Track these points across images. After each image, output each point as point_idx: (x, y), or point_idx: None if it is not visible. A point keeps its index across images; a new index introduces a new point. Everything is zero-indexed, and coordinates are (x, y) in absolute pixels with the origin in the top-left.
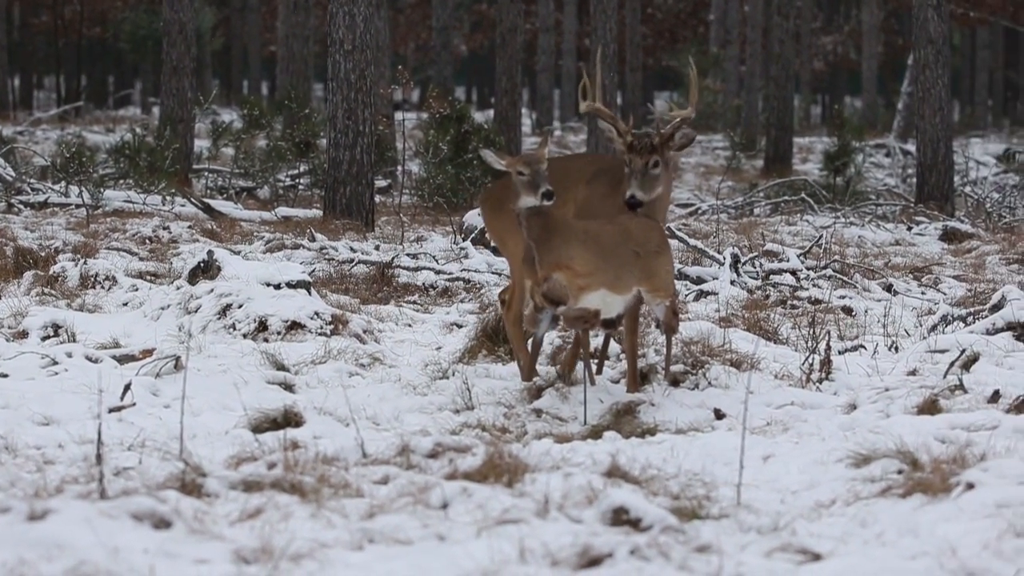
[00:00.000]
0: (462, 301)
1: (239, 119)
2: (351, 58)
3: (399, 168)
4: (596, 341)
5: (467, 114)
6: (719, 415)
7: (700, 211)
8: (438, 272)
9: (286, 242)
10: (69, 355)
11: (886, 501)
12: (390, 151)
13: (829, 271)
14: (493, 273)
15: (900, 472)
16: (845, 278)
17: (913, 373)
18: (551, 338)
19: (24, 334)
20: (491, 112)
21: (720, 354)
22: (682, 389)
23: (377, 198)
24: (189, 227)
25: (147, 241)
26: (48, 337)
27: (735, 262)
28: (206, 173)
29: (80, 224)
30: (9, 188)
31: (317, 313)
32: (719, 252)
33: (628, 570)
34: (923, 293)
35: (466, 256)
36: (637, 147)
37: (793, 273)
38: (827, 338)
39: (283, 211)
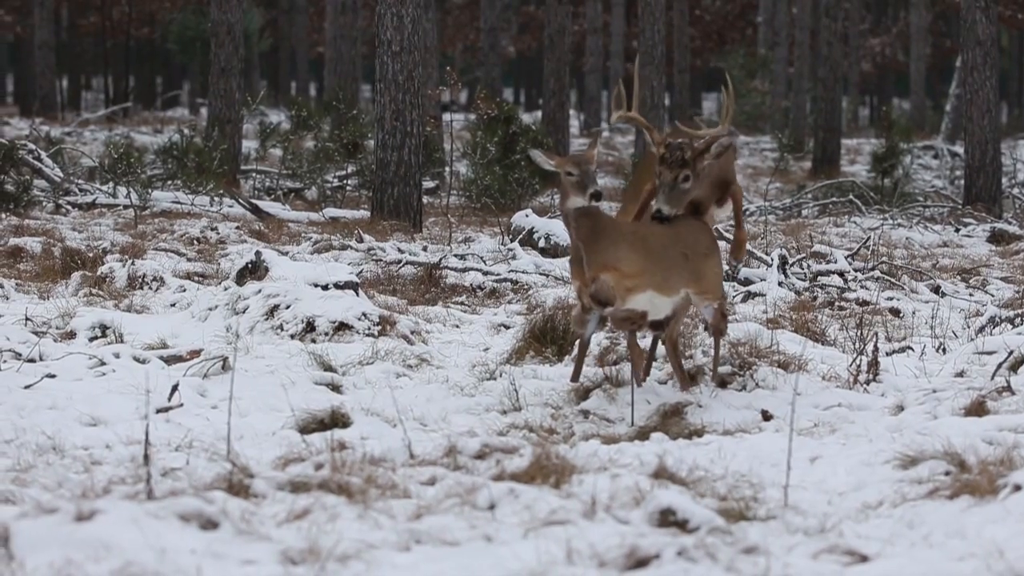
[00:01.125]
0: (510, 302)
1: (287, 120)
2: (399, 59)
3: (447, 169)
4: (644, 343)
5: (515, 115)
6: (766, 416)
7: (748, 212)
8: (486, 273)
9: (334, 243)
10: (117, 356)
11: (933, 503)
12: (438, 152)
13: (877, 273)
14: (541, 274)
15: (947, 474)
16: (893, 280)
17: (961, 375)
18: (599, 339)
19: (72, 335)
20: (539, 113)
21: (767, 355)
22: (729, 390)
23: (425, 199)
24: (237, 228)
25: (195, 242)
26: (96, 338)
27: (783, 263)
28: (254, 174)
29: (128, 225)
30: (57, 189)
31: (365, 314)
32: (767, 253)
33: (675, 571)
34: (971, 295)
35: (514, 257)
36: (668, 160)
37: (841, 275)
38: (875, 339)
39: (331, 212)
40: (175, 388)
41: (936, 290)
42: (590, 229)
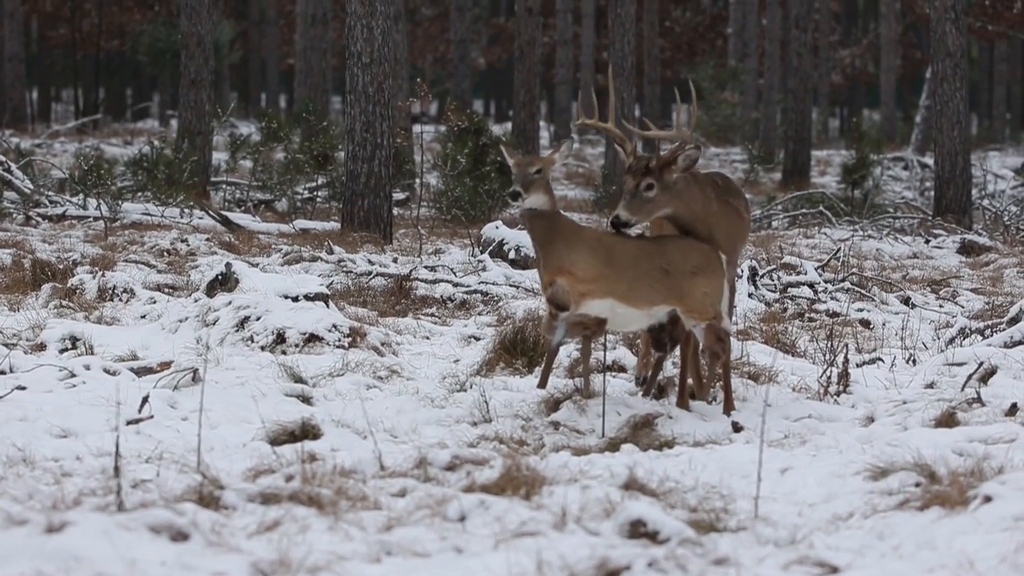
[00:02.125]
0: (480, 314)
1: (257, 132)
2: (369, 71)
3: (417, 181)
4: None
5: (485, 127)
6: (737, 428)
7: None
8: (456, 285)
9: (304, 255)
10: (87, 367)
11: (904, 514)
12: (408, 164)
13: (847, 284)
14: (511, 286)
15: (918, 485)
16: (863, 291)
17: (931, 386)
18: (568, 351)
19: (42, 347)
20: (509, 125)
21: (738, 367)
22: (700, 402)
23: (395, 211)
24: (207, 240)
25: (165, 254)
26: (66, 350)
27: (753, 275)
28: (224, 186)
29: (98, 237)
30: (27, 201)
31: (335, 326)
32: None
33: None
34: (941, 306)
35: (484, 269)
36: (633, 168)
37: (811, 286)
38: (845, 351)
39: (301, 224)
40: (145, 400)
41: (906, 301)
42: (545, 231)
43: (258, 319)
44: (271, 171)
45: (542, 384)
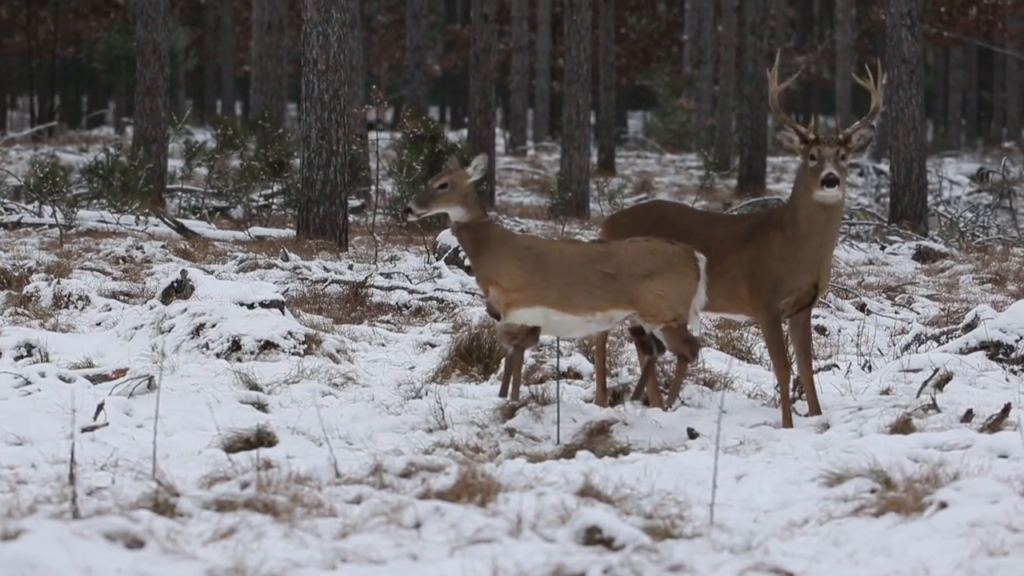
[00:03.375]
0: (435, 320)
1: (213, 139)
2: (325, 78)
3: (373, 188)
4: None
5: (441, 133)
6: (692, 434)
7: None
8: (412, 292)
9: (259, 262)
10: (42, 375)
11: (859, 520)
12: (364, 171)
13: None
14: (467, 293)
15: (873, 491)
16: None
17: (886, 392)
18: (525, 357)
19: None
20: (465, 132)
21: (693, 373)
22: (655, 409)
23: (351, 218)
24: (163, 247)
25: (120, 261)
26: (21, 357)
27: None
28: (179, 193)
29: (53, 244)
30: None
31: (290, 332)
32: None
33: None
34: (896, 312)
35: (439, 276)
36: (830, 139)
37: None
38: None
39: (256, 231)
40: (101, 407)
41: (862, 308)
42: (471, 242)
43: (213, 326)
44: (227, 178)
45: (503, 392)
